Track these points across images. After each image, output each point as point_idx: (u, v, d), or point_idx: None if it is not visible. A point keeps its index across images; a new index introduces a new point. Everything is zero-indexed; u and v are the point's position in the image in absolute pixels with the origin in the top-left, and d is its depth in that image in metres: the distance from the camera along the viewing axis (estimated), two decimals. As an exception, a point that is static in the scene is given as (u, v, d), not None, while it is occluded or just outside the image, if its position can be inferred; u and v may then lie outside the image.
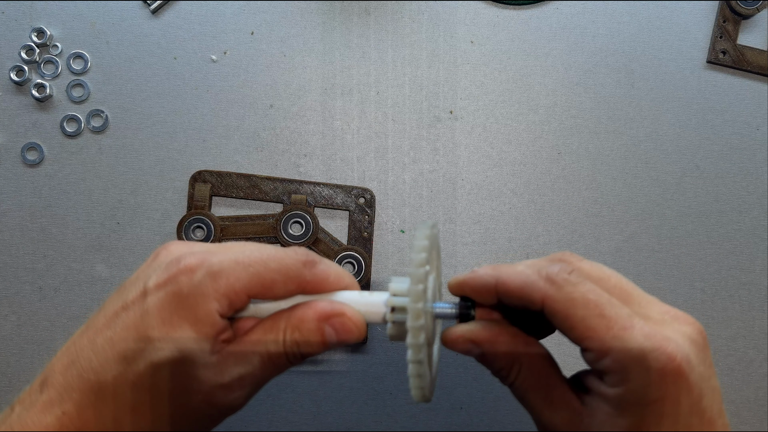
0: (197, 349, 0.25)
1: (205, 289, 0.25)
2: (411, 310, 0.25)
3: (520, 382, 0.27)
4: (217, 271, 0.25)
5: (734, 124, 0.49)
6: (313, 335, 0.26)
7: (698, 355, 0.25)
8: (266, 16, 0.48)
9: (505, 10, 0.49)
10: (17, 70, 0.46)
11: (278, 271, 0.26)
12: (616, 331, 0.24)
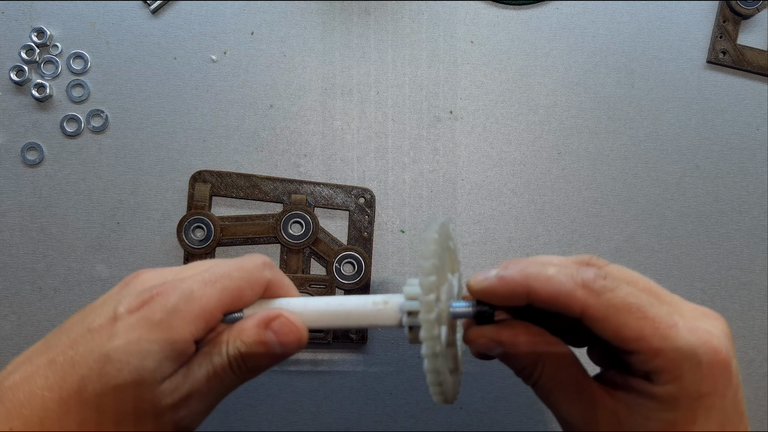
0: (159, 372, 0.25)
1: (181, 313, 0.25)
2: (423, 321, 0.25)
3: (543, 382, 0.27)
4: (188, 294, 0.26)
5: (734, 124, 0.49)
6: (254, 342, 0.26)
7: (733, 349, 0.25)
8: (266, 16, 0.48)
9: (505, 10, 0.49)
10: (17, 70, 0.46)
11: (242, 278, 0.27)
12: (663, 331, 0.24)
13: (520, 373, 0.28)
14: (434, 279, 0.26)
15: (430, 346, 0.25)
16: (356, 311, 0.29)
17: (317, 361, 0.46)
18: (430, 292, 0.25)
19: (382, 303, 0.28)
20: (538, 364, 0.27)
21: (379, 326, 0.29)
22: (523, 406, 0.46)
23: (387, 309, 0.28)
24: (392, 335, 0.46)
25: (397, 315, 0.28)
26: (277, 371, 0.45)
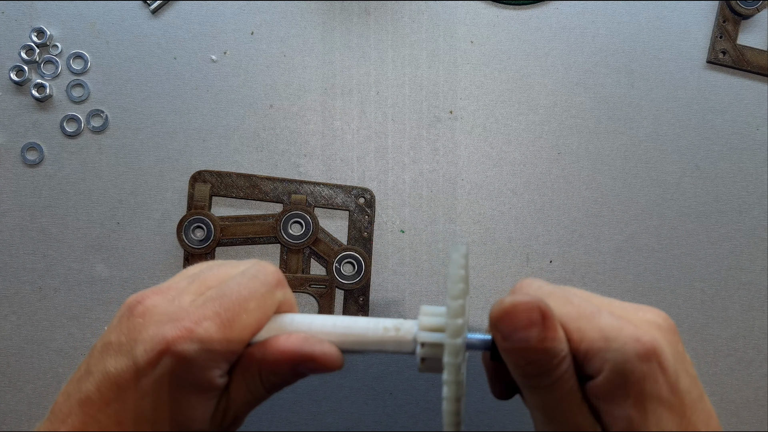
0: (202, 420, 0.26)
1: (202, 363, 0.25)
2: (449, 346, 0.24)
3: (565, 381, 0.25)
4: (206, 340, 0.25)
5: (734, 124, 0.49)
6: (289, 377, 0.27)
7: (666, 339, 0.24)
8: (266, 16, 0.48)
9: (505, 10, 0.49)
10: (17, 70, 0.46)
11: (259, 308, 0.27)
12: (588, 316, 0.24)
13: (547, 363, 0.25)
14: (462, 302, 0.24)
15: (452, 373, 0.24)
16: (365, 336, 0.28)
17: (317, 361, 0.46)
18: (457, 316, 0.24)
19: (393, 330, 0.27)
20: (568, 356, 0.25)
21: (387, 352, 0.28)
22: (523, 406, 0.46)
23: (400, 337, 0.27)
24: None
25: (410, 344, 0.27)
26: (277, 371, 0.45)
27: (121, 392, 0.25)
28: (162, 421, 0.25)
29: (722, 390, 0.47)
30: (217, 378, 0.26)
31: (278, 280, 0.28)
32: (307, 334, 0.28)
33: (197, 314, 0.26)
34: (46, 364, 0.45)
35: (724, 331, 0.48)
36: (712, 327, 0.48)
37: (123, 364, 0.25)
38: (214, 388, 0.26)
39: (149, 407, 0.25)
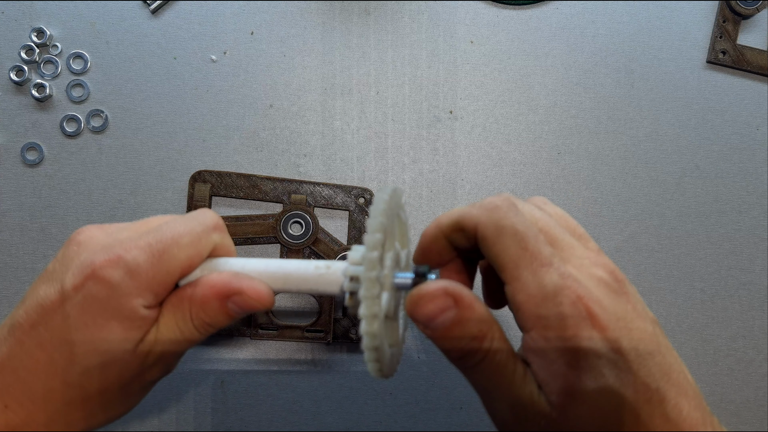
0: (125, 344, 0.26)
1: (126, 289, 0.25)
2: (364, 279, 0.24)
3: (492, 355, 0.24)
4: (133, 268, 0.26)
5: (734, 124, 0.49)
6: (218, 313, 0.27)
7: (609, 298, 0.24)
8: (266, 16, 0.48)
9: (505, 10, 0.49)
10: (17, 70, 0.46)
11: (191, 245, 0.27)
12: (535, 267, 0.24)
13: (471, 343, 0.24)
14: (380, 236, 0.24)
15: (368, 306, 0.24)
16: (296, 274, 0.28)
17: (317, 361, 0.46)
18: (374, 249, 0.24)
19: (324, 267, 0.27)
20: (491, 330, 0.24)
21: (320, 292, 0.28)
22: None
23: (329, 274, 0.27)
24: (392, 335, 0.46)
25: (338, 281, 0.27)
26: (277, 371, 0.45)
27: (47, 315, 0.26)
28: (83, 345, 0.25)
29: (722, 390, 0.47)
30: (140, 308, 0.26)
31: (216, 223, 0.29)
32: (237, 272, 0.28)
33: (129, 244, 0.26)
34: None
35: (724, 331, 0.48)
36: (712, 327, 0.48)
37: (52, 289, 0.26)
38: (138, 318, 0.26)
39: (72, 330, 0.25)
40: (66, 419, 0.26)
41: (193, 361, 0.45)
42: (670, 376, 0.23)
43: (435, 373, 0.46)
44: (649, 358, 0.23)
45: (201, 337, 0.29)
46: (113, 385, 0.27)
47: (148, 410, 0.45)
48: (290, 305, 0.46)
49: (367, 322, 0.24)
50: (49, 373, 0.26)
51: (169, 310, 0.28)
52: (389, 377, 0.27)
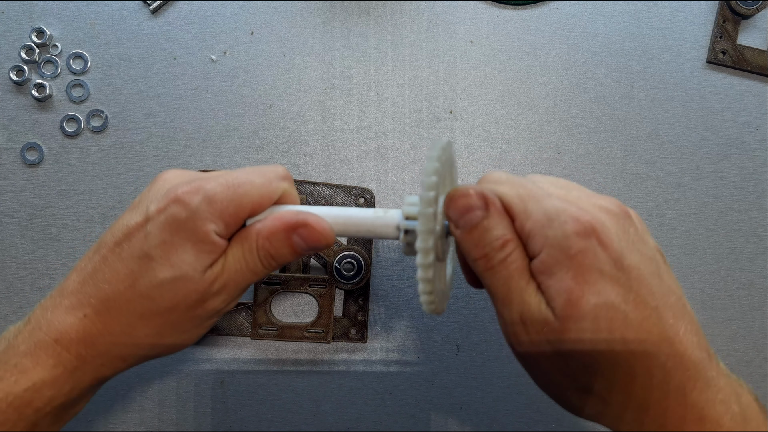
0: (197, 265, 0.28)
1: (203, 213, 0.28)
2: (421, 214, 0.26)
3: (510, 262, 0.26)
4: (211, 196, 0.28)
5: (734, 124, 0.49)
6: (283, 246, 0.30)
7: (612, 220, 0.25)
8: (266, 16, 0.48)
9: (505, 10, 0.49)
10: (17, 70, 0.46)
11: (263, 185, 0.30)
12: (538, 198, 0.26)
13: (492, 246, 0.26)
14: (435, 179, 0.27)
15: (424, 240, 0.26)
16: (356, 217, 0.30)
17: (317, 361, 0.46)
18: (430, 189, 0.26)
19: (382, 212, 0.30)
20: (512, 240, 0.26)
21: (378, 234, 0.30)
22: (523, 406, 0.46)
23: (386, 216, 0.30)
24: (391, 335, 0.46)
25: (395, 221, 0.29)
26: (276, 371, 0.45)
27: (130, 234, 0.29)
28: (160, 259, 0.28)
29: (722, 390, 0.47)
30: (212, 233, 0.29)
31: (285, 173, 0.31)
32: (303, 209, 0.31)
33: (208, 179, 0.29)
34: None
35: (724, 331, 0.48)
36: (712, 327, 0.48)
37: (137, 214, 0.29)
38: (209, 242, 0.29)
39: (151, 245, 0.28)
40: (138, 331, 0.29)
41: (193, 361, 0.45)
42: (669, 298, 0.25)
43: (435, 373, 0.46)
44: (649, 278, 0.25)
45: (265, 272, 0.30)
46: (181, 304, 0.29)
47: (148, 410, 0.45)
48: (290, 305, 0.46)
49: (423, 255, 0.27)
50: (127, 283, 0.28)
51: (237, 242, 0.30)
52: (439, 314, 0.29)
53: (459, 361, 0.46)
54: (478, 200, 0.26)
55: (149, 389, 0.45)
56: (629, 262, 0.24)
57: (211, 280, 0.29)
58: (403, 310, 0.46)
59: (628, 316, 0.23)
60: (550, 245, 0.25)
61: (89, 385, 0.30)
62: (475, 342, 0.46)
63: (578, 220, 0.25)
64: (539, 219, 0.25)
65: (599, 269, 0.24)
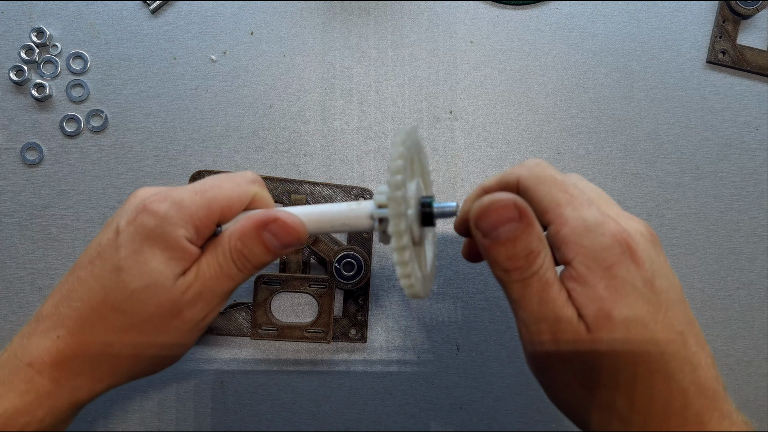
0: (168, 273, 0.28)
1: (171, 219, 0.28)
2: (390, 199, 0.27)
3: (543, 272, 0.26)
4: (179, 201, 0.28)
5: (734, 124, 0.49)
6: (255, 244, 0.29)
7: (646, 243, 0.26)
8: (266, 16, 0.48)
9: (504, 10, 0.49)
10: (17, 70, 0.46)
11: (231, 189, 0.29)
12: (576, 205, 0.26)
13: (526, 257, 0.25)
14: (401, 177, 0.27)
15: (396, 224, 0.26)
16: (330, 212, 0.30)
17: (317, 361, 0.46)
18: (396, 173, 0.26)
19: (355, 204, 0.30)
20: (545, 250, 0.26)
21: (353, 227, 0.30)
22: (523, 406, 0.46)
23: (359, 209, 0.30)
24: (391, 335, 0.46)
25: (368, 214, 0.30)
26: (276, 371, 0.45)
27: (102, 251, 0.29)
28: (130, 269, 0.28)
29: (722, 390, 0.47)
30: (183, 239, 0.28)
31: (254, 177, 0.31)
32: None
33: (177, 188, 0.29)
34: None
35: (724, 331, 0.48)
36: (712, 327, 0.48)
37: (109, 232, 0.29)
38: (180, 248, 0.28)
39: (122, 257, 0.28)
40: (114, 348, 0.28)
41: (193, 361, 0.45)
42: (693, 327, 0.25)
43: (435, 373, 0.46)
44: (676, 304, 0.25)
45: (241, 275, 0.30)
46: (155, 314, 0.28)
47: (148, 410, 0.45)
48: (290, 305, 0.46)
49: (396, 239, 0.27)
50: (99, 298, 0.28)
51: (210, 248, 0.29)
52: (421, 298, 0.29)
53: (459, 361, 0.46)
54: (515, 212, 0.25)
55: (149, 389, 0.45)
56: (659, 284, 0.25)
57: (184, 287, 0.28)
58: (403, 310, 0.46)
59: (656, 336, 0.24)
60: (585, 254, 0.25)
61: (66, 410, 0.29)
62: (475, 342, 0.46)
63: (616, 235, 0.25)
64: (576, 227, 0.25)
65: (632, 284, 0.24)
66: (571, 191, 0.26)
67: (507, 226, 0.25)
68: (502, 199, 0.25)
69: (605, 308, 0.24)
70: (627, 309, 0.24)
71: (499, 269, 0.26)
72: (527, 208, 0.25)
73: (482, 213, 0.25)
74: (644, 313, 0.24)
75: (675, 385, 0.23)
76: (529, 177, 0.27)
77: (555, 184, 0.26)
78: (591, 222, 0.25)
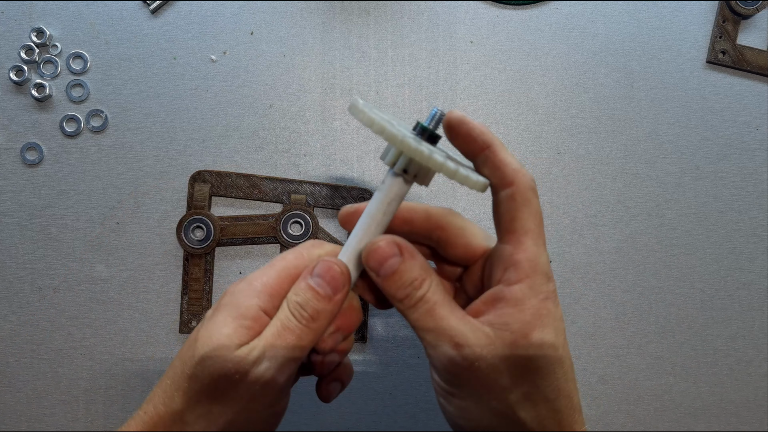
0: (234, 338, 0.29)
1: (244, 291, 0.30)
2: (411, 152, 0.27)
3: (429, 296, 0.29)
4: (249, 280, 0.30)
5: (734, 124, 0.49)
6: (305, 290, 0.30)
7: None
8: (266, 16, 0.48)
9: (504, 10, 0.49)
10: (17, 70, 0.46)
11: (295, 257, 0.31)
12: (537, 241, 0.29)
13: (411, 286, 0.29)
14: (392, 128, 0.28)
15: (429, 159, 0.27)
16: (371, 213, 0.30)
17: (317, 361, 0.46)
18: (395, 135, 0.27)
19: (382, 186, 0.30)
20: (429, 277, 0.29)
21: (395, 202, 0.30)
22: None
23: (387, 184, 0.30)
24: (391, 335, 0.46)
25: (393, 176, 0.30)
26: (276, 371, 0.45)
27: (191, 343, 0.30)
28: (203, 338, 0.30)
29: (722, 390, 0.47)
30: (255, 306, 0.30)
31: (313, 242, 0.32)
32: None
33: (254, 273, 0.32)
34: (46, 364, 0.45)
35: (724, 331, 0.48)
36: (712, 327, 0.48)
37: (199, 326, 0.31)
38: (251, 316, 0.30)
39: (199, 329, 0.30)
40: (188, 416, 0.29)
41: (192, 361, 0.45)
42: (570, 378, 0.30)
43: (435, 373, 0.46)
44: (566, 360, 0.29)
45: (303, 329, 0.30)
46: (221, 377, 0.28)
47: (148, 410, 0.45)
48: (290, 305, 0.46)
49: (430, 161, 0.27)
50: (179, 371, 0.29)
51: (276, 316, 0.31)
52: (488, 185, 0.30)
53: (459, 361, 0.46)
54: (394, 248, 0.29)
55: (149, 389, 0.45)
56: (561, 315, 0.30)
57: (249, 349, 0.29)
58: (403, 310, 0.46)
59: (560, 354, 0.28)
60: (529, 285, 0.28)
61: None
62: (475, 342, 0.46)
63: (550, 277, 0.29)
64: (531, 260, 0.28)
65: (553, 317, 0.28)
66: (540, 227, 0.29)
67: (390, 261, 0.29)
68: (383, 239, 0.29)
69: (526, 330, 0.27)
70: (544, 335, 0.28)
71: (395, 301, 0.29)
72: (406, 244, 0.29)
73: (368, 253, 0.29)
74: (554, 339, 0.28)
75: (563, 393, 0.28)
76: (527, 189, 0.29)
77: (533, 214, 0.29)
78: (542, 261, 0.29)
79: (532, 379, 0.28)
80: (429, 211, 0.32)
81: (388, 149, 0.30)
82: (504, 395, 0.28)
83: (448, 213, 0.32)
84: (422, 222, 0.32)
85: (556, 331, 0.28)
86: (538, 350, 0.28)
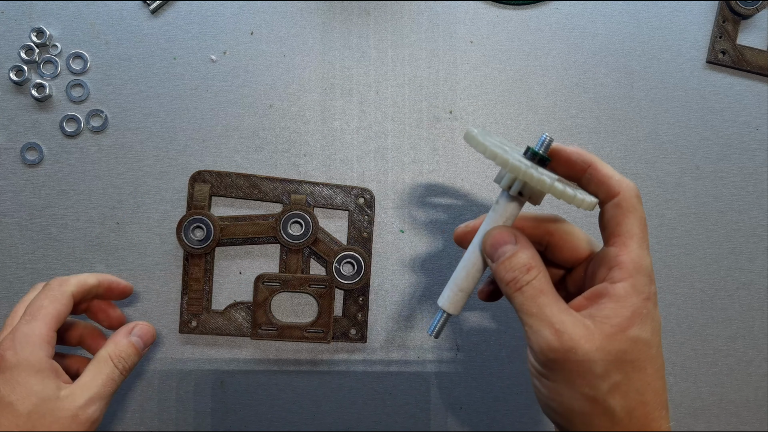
0: (50, 389, 0.33)
1: (26, 350, 0.34)
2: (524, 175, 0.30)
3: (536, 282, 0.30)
4: (22, 336, 0.34)
5: (734, 124, 0.49)
6: (129, 350, 0.37)
7: None
8: (266, 16, 0.48)
9: (504, 10, 0.49)
10: (17, 70, 0.46)
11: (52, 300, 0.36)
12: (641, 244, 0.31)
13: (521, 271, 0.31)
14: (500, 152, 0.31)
15: (541, 182, 0.29)
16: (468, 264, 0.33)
17: (317, 361, 0.46)
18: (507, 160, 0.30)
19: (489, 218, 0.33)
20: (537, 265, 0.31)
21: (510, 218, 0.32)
22: (523, 406, 0.46)
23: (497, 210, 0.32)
24: (391, 335, 0.46)
25: (505, 196, 0.32)
26: (277, 371, 0.45)
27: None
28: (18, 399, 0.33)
29: (722, 390, 0.47)
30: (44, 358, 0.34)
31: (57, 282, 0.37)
32: None
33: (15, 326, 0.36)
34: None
35: (724, 331, 0.48)
36: (712, 327, 0.48)
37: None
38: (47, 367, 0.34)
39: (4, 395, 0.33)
40: None
41: (193, 361, 0.45)
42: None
43: (435, 373, 0.46)
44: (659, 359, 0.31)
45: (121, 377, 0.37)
46: (56, 423, 0.33)
47: (148, 410, 0.45)
48: (290, 305, 0.46)
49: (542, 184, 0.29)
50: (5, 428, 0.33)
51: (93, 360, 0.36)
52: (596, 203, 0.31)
53: (459, 361, 0.46)
54: (511, 236, 0.31)
55: (149, 389, 0.45)
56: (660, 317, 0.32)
57: (74, 396, 0.34)
58: (403, 310, 0.46)
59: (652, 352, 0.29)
60: (632, 284, 0.30)
61: None
62: (475, 342, 0.46)
63: (652, 278, 0.31)
64: (635, 261, 0.30)
65: (652, 317, 0.30)
66: (644, 231, 0.31)
67: (505, 246, 0.31)
68: (501, 226, 0.32)
69: (625, 325, 0.29)
70: (641, 332, 0.29)
71: (503, 284, 0.31)
72: (521, 235, 0.31)
73: (488, 237, 0.32)
74: (650, 337, 0.29)
75: (652, 387, 0.29)
76: (632, 197, 0.31)
77: (638, 219, 0.31)
78: (645, 263, 0.30)
79: (625, 371, 0.29)
80: (538, 218, 0.34)
81: (503, 174, 0.33)
82: (596, 383, 0.29)
83: (555, 219, 0.34)
84: (532, 228, 0.34)
85: (653, 330, 0.30)
86: (634, 345, 0.29)
